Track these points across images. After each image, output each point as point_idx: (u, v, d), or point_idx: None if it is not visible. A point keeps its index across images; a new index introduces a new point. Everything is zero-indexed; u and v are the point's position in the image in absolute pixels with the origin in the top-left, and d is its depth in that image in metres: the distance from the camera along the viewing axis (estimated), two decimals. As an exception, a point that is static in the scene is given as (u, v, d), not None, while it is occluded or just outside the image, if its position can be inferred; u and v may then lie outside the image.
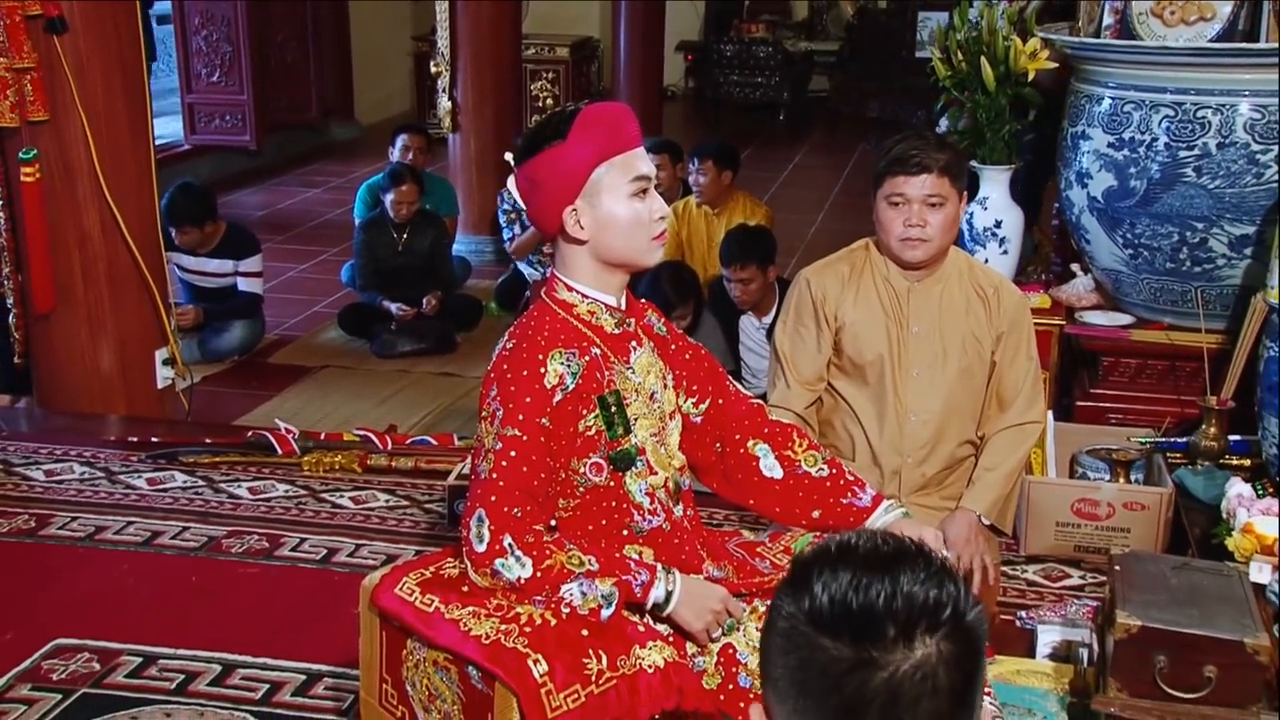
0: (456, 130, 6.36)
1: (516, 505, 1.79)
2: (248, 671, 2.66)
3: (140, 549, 3.22)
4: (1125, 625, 2.16)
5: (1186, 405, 3.56)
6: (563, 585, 1.78)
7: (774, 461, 2.05)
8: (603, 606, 1.78)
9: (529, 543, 1.78)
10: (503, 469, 1.79)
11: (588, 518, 1.89)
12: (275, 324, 5.46)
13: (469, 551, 1.80)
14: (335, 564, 3.15)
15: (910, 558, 0.98)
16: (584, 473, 1.86)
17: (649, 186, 1.86)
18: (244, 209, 7.48)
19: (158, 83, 7.56)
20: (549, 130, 1.83)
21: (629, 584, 1.80)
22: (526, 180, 1.87)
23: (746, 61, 10.24)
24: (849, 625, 0.94)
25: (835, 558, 0.98)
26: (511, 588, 1.79)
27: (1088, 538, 3.13)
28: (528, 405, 1.80)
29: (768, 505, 2.08)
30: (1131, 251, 3.59)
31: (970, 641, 0.97)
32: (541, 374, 1.81)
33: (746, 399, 2.11)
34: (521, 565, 1.77)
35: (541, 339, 1.84)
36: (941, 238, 2.45)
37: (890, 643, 0.93)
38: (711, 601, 1.85)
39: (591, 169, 1.81)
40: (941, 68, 3.68)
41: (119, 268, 3.87)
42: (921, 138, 2.47)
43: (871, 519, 2.02)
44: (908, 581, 0.95)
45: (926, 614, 0.95)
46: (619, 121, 1.84)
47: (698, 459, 2.08)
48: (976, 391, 2.56)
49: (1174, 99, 3.42)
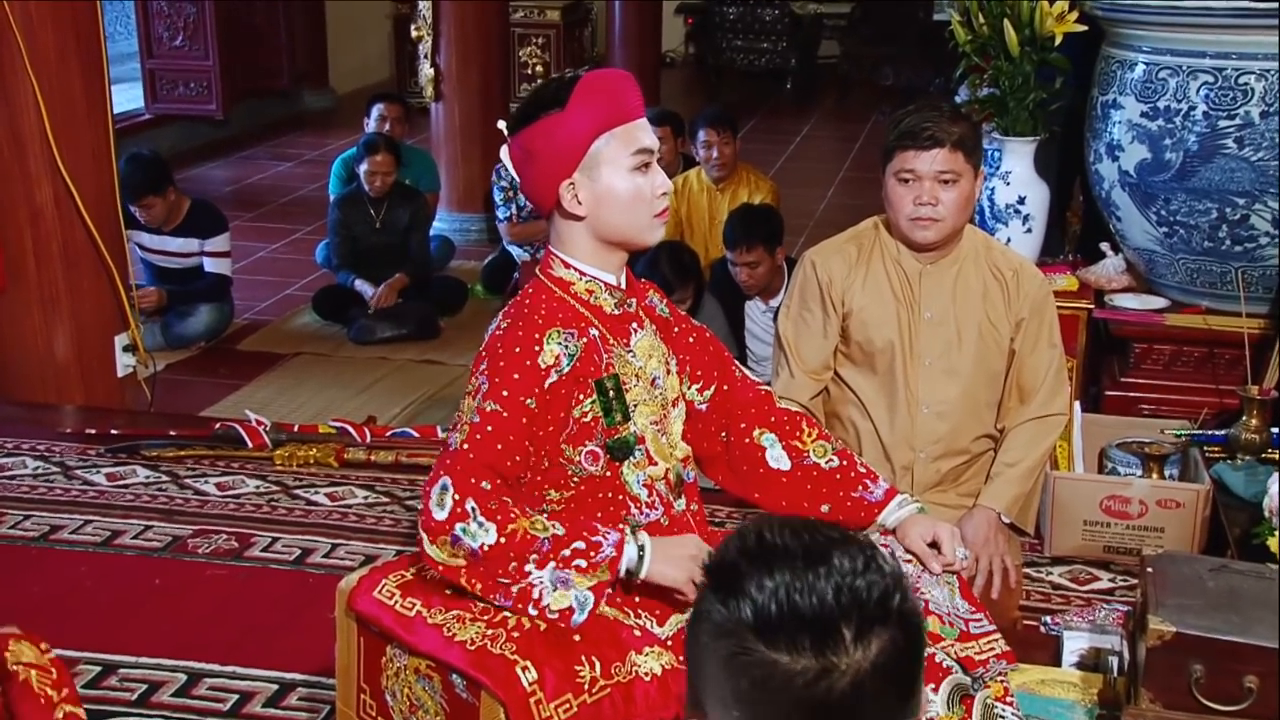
0: (439, 99, 6.35)
1: (485, 479, 1.79)
2: (215, 681, 2.65)
3: (99, 549, 3.21)
4: (1158, 632, 2.16)
5: (1225, 395, 3.56)
6: (529, 555, 1.76)
7: (781, 452, 2.06)
8: (575, 611, 1.77)
9: (492, 508, 1.78)
10: (476, 442, 1.80)
11: (581, 510, 1.89)
12: (245, 308, 5.45)
13: (426, 521, 1.80)
14: (310, 565, 3.15)
15: (840, 545, 0.99)
16: (579, 461, 1.86)
17: (652, 160, 1.86)
18: (210, 183, 7.47)
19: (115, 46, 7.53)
20: (547, 97, 1.83)
21: (599, 545, 1.78)
22: (521, 151, 1.87)
23: (751, 25, 10.22)
24: (805, 634, 0.95)
25: (763, 557, 0.98)
26: (474, 558, 1.77)
27: (1118, 538, 3.13)
28: (515, 382, 1.80)
29: (774, 499, 2.07)
30: (1166, 229, 3.59)
31: (916, 623, 1.00)
32: (536, 352, 1.81)
33: (754, 385, 2.11)
34: (484, 530, 1.76)
35: (539, 317, 1.85)
36: (955, 217, 2.45)
37: (849, 644, 0.95)
38: (688, 548, 1.85)
39: (591, 140, 1.81)
40: (961, 31, 3.66)
41: (74, 246, 3.86)
42: (934, 108, 2.46)
43: (883, 515, 2.03)
44: (849, 573, 0.97)
45: (877, 606, 0.97)
46: (622, 90, 1.84)
47: (703, 450, 2.09)
48: (995, 382, 2.56)
49: (1214, 64, 3.40)
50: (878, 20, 10.28)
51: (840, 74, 10.60)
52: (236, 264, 5.44)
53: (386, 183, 5.34)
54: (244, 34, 8.56)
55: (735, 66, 10.32)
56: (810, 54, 10.68)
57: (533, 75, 9.03)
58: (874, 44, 10.25)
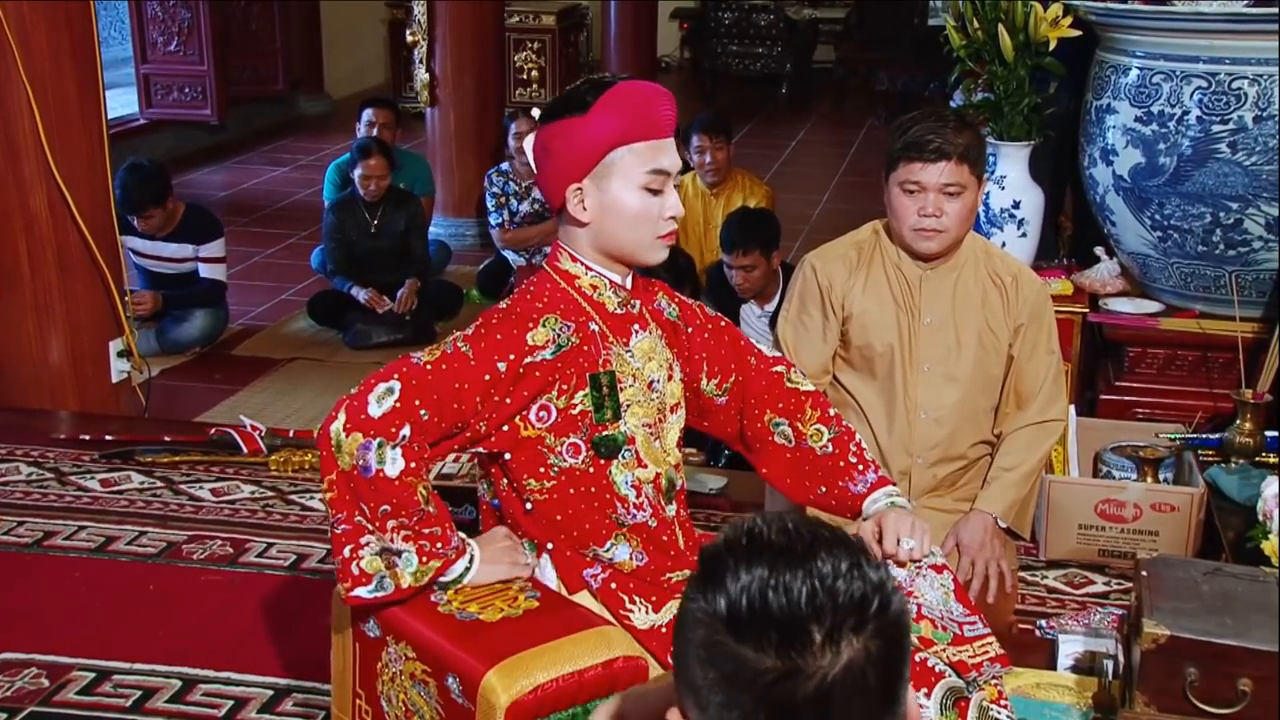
0: (434, 104, 6.36)
1: (428, 409, 1.78)
2: (210, 687, 2.65)
3: (93, 555, 3.21)
4: (1153, 635, 2.16)
5: (1219, 399, 3.57)
6: (400, 513, 1.77)
7: (788, 430, 2.09)
8: (368, 583, 1.79)
9: (415, 449, 1.78)
10: (440, 371, 1.79)
11: (565, 502, 1.90)
12: (240, 313, 5.45)
13: (356, 407, 1.76)
14: (305, 570, 3.14)
15: (828, 546, 0.97)
16: (560, 452, 1.87)
17: (667, 182, 1.85)
18: (205, 189, 7.47)
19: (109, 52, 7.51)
20: (574, 99, 1.83)
21: (449, 539, 1.83)
22: (541, 146, 1.88)
23: (746, 30, 10.23)
24: (773, 633, 0.93)
25: (747, 550, 0.97)
26: (359, 475, 1.76)
27: (1113, 541, 3.14)
28: (496, 342, 1.81)
29: (780, 476, 2.11)
30: (1160, 234, 3.60)
31: (897, 633, 0.97)
32: (529, 327, 1.83)
33: (766, 369, 2.12)
34: (393, 462, 1.76)
35: (540, 303, 1.87)
36: (958, 228, 2.45)
37: (818, 648, 0.93)
38: (499, 541, 1.92)
39: (608, 149, 1.81)
40: (956, 36, 3.67)
41: (69, 252, 3.86)
42: (940, 118, 2.44)
43: (864, 507, 2.04)
44: (829, 575, 0.95)
45: (852, 611, 0.94)
46: (653, 105, 1.83)
47: (724, 432, 2.15)
48: (993, 387, 2.56)
49: (1207, 69, 3.42)
50: (873, 25, 10.31)
51: (835, 79, 10.62)
52: (231, 269, 5.43)
53: (381, 187, 5.35)
54: (239, 39, 8.57)
55: (730, 71, 10.34)
56: (805, 59, 10.70)
57: (528, 80, 9.05)
58: (869, 49, 10.28)
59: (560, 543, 1.94)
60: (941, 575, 1.97)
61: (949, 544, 2.50)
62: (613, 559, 1.94)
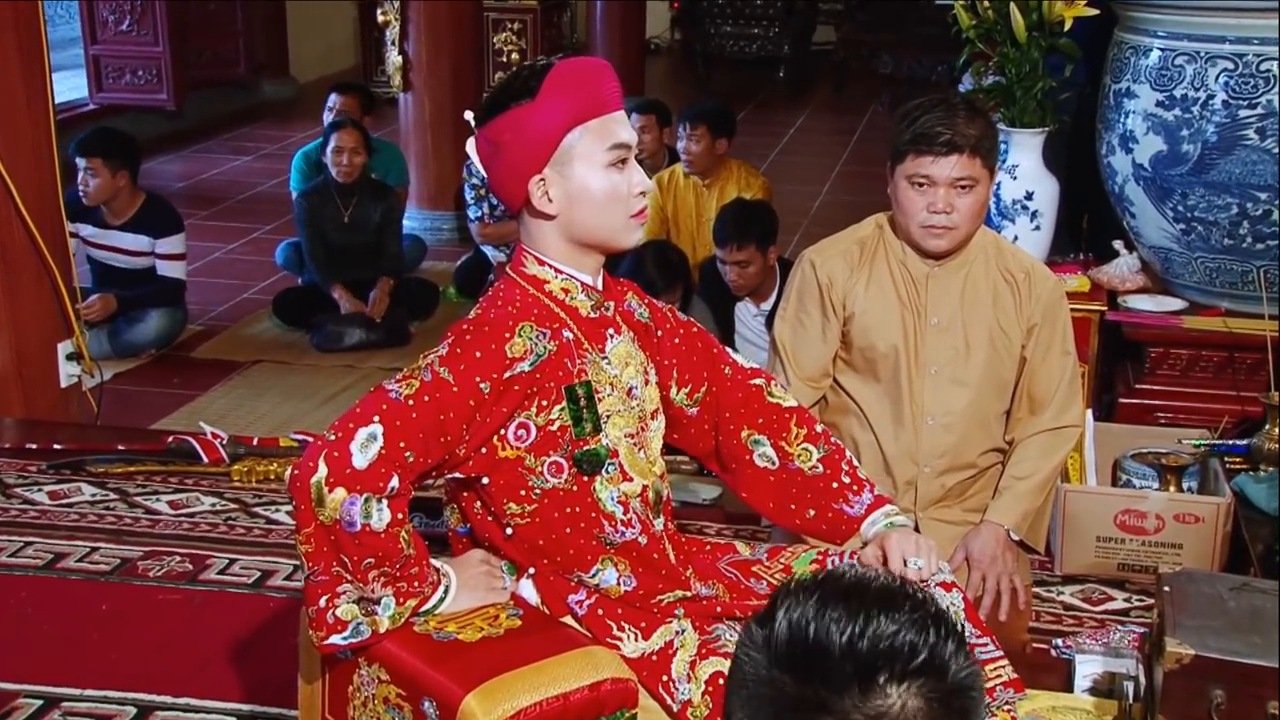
0: (408, 89, 6.35)
1: (414, 450, 1.78)
2: (168, 714, 2.64)
3: (41, 573, 3.19)
4: (1176, 654, 2.17)
5: (1247, 402, 3.58)
6: (383, 565, 1.79)
7: (770, 450, 2.08)
8: (343, 630, 1.81)
9: (399, 499, 1.79)
10: (423, 405, 1.78)
11: (549, 525, 1.89)
12: (199, 312, 5.44)
13: (337, 457, 1.75)
14: (270, 588, 3.14)
15: (898, 598, 0.97)
16: (541, 472, 1.87)
17: (629, 156, 1.86)
18: (162, 179, 7.44)
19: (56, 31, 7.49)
20: (516, 87, 1.83)
21: (425, 577, 1.86)
22: (488, 143, 1.87)
23: (741, 10, 10.24)
24: (800, 659, 0.94)
25: (814, 586, 0.99)
26: (343, 529, 1.76)
27: (1133, 554, 3.15)
28: (475, 361, 1.80)
29: (762, 499, 2.11)
30: (1183, 226, 3.61)
31: (951, 703, 0.95)
32: (506, 339, 1.82)
33: (744, 381, 2.12)
34: (379, 517, 1.77)
35: (513, 309, 1.86)
36: (969, 224, 2.46)
37: (844, 686, 0.93)
38: (474, 568, 1.94)
39: (563, 134, 1.81)
40: (964, 16, 3.68)
41: (13, 248, 3.84)
42: (950, 106, 2.44)
43: (863, 530, 2.03)
44: (882, 622, 0.95)
45: (893, 658, 0.94)
46: (597, 80, 1.84)
47: (697, 448, 2.13)
48: (1004, 391, 2.57)
49: (1234, 49, 3.43)
50: (876, 5, 10.33)
51: (836, 62, 10.64)
52: (191, 265, 5.42)
53: (355, 164, 5.30)
54: (197, 19, 8.54)
55: (724, 54, 10.34)
56: (804, 41, 10.72)
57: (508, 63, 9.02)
58: (872, 30, 10.30)
59: (544, 567, 1.94)
60: (950, 593, 1.97)
61: (958, 558, 2.51)
62: (599, 584, 1.93)
